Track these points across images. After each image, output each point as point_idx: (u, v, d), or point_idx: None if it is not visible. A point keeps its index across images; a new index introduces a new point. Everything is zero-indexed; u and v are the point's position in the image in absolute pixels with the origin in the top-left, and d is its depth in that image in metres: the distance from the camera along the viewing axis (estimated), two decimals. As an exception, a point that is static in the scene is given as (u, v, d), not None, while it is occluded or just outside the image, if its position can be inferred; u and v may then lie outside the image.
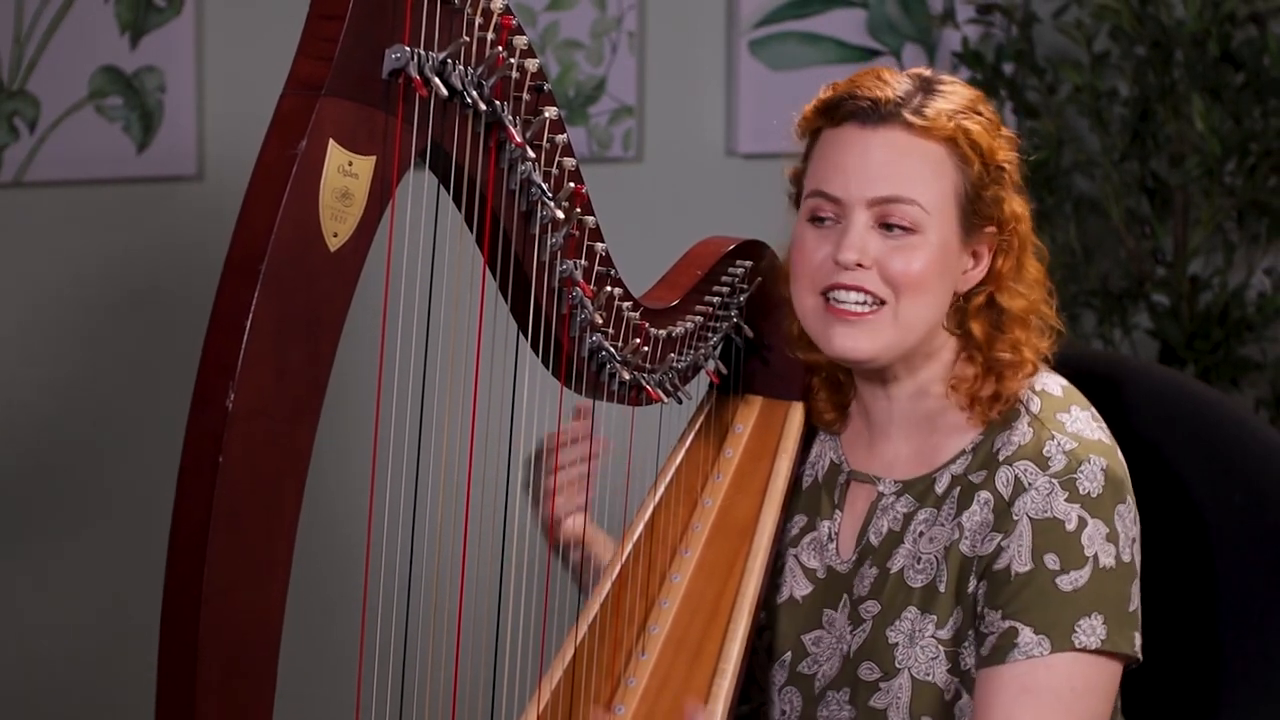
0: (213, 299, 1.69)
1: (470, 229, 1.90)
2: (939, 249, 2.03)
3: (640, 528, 2.20)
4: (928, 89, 2.04)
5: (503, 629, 2.05)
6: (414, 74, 1.76)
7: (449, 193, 1.86)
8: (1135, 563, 2.01)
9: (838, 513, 2.14)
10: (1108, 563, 1.99)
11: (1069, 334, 2.12)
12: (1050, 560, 1.98)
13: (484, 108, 1.84)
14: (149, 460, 3.10)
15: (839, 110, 2.04)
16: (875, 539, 2.10)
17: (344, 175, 1.72)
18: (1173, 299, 3.56)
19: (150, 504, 2.90)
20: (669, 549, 2.19)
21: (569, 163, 1.95)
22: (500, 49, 1.84)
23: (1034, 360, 2.07)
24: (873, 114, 2.02)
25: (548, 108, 1.91)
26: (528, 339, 2.01)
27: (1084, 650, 1.97)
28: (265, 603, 1.72)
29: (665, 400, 2.16)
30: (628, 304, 2.08)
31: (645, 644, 2.13)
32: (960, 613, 2.02)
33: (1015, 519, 2.00)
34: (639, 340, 2.10)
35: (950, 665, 2.03)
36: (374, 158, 1.74)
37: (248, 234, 1.69)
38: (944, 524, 2.05)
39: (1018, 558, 1.99)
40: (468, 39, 1.81)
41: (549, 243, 1.97)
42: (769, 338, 2.23)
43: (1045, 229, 3.48)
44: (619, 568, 2.17)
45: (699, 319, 2.18)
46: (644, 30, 3.44)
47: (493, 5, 1.83)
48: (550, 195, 1.94)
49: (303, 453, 1.72)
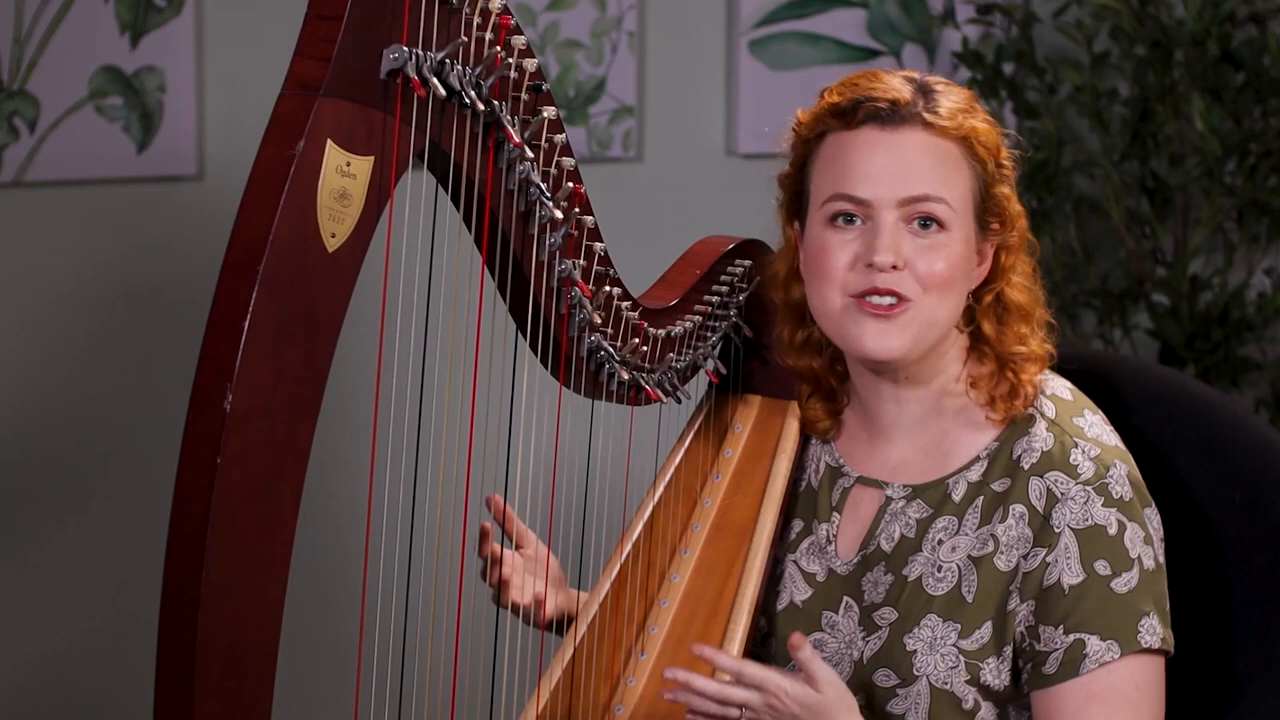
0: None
1: (469, 229, 1.90)
2: (963, 245, 2.03)
3: (639, 527, 2.19)
4: (927, 90, 2.04)
5: (502, 628, 2.05)
6: (412, 74, 1.76)
7: (447, 193, 1.86)
8: (1164, 563, 2.04)
9: (835, 515, 2.14)
10: (1149, 564, 2.01)
11: (1069, 334, 2.12)
12: (1101, 566, 1.99)
13: (482, 107, 1.84)
14: (148, 459, 3.10)
15: (855, 113, 2.02)
16: (887, 544, 2.09)
17: (342, 175, 1.72)
18: (1173, 299, 3.55)
19: (149, 504, 2.90)
20: (668, 549, 2.18)
21: (568, 162, 1.95)
22: (498, 49, 1.84)
23: (1044, 353, 2.07)
24: (892, 115, 2.01)
25: (546, 107, 1.91)
26: (526, 339, 2.01)
27: (1146, 650, 1.99)
28: (264, 602, 1.72)
29: (664, 400, 2.16)
30: (626, 304, 2.08)
31: (644, 644, 2.13)
32: (991, 627, 2.02)
33: (1057, 531, 2.00)
34: (638, 340, 2.10)
35: (969, 676, 2.03)
36: (372, 158, 1.74)
37: (246, 235, 1.69)
38: (967, 533, 2.05)
39: (1067, 570, 1.99)
40: (466, 39, 1.81)
41: (548, 242, 1.97)
42: (768, 337, 2.23)
43: (1045, 229, 3.48)
44: (618, 567, 2.17)
45: (698, 318, 2.17)
46: (644, 30, 3.44)
47: (491, 5, 1.83)
48: (549, 195, 1.94)
49: (301, 453, 1.72)
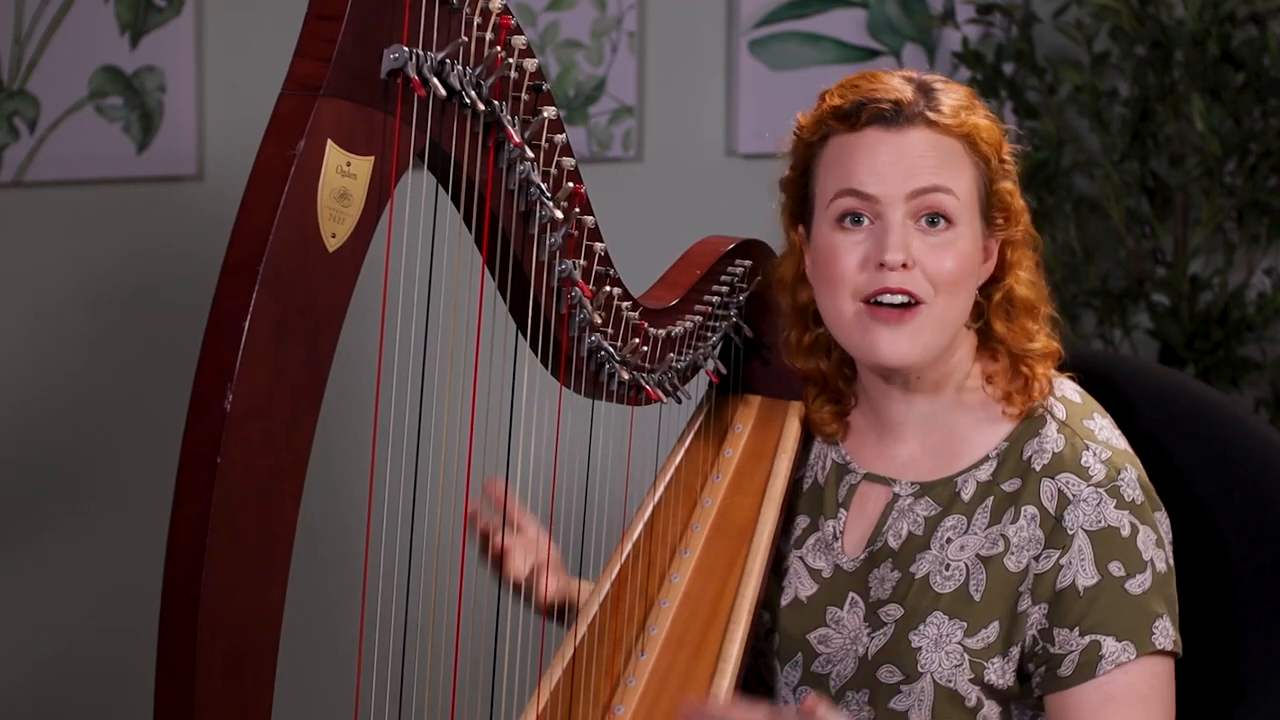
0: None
1: (469, 229, 1.90)
2: (971, 242, 2.03)
3: (640, 527, 2.19)
4: (928, 88, 2.05)
5: (502, 628, 2.04)
6: (412, 74, 1.76)
7: (447, 193, 1.86)
8: (1173, 566, 2.04)
9: (842, 511, 2.14)
10: (1161, 566, 2.02)
11: (1069, 334, 2.13)
12: (1115, 568, 2.00)
13: (482, 107, 1.84)
14: (148, 459, 3.10)
15: (858, 115, 2.03)
16: (895, 541, 2.09)
17: (342, 175, 1.72)
18: (1173, 299, 3.55)
19: (149, 504, 2.90)
20: (668, 549, 2.18)
21: (568, 162, 1.95)
22: (499, 49, 1.84)
23: (1053, 348, 2.08)
24: (895, 116, 2.02)
25: (546, 107, 1.91)
26: (526, 339, 2.01)
27: (1159, 652, 2.00)
28: (264, 603, 1.72)
29: (664, 400, 2.16)
30: (627, 304, 2.07)
31: (645, 644, 2.13)
32: (999, 627, 2.03)
33: (1070, 533, 2.01)
34: (638, 340, 2.10)
35: (973, 674, 2.03)
36: (372, 158, 1.74)
37: (246, 235, 1.68)
38: (977, 532, 2.05)
39: (1081, 572, 2.00)
40: (466, 39, 1.81)
41: (548, 242, 1.97)
42: (768, 337, 2.23)
43: (1045, 229, 3.48)
44: (619, 567, 2.17)
45: (698, 318, 2.17)
46: (644, 30, 3.44)
47: (491, 5, 1.83)
48: (549, 195, 1.94)
49: (301, 453, 1.72)
